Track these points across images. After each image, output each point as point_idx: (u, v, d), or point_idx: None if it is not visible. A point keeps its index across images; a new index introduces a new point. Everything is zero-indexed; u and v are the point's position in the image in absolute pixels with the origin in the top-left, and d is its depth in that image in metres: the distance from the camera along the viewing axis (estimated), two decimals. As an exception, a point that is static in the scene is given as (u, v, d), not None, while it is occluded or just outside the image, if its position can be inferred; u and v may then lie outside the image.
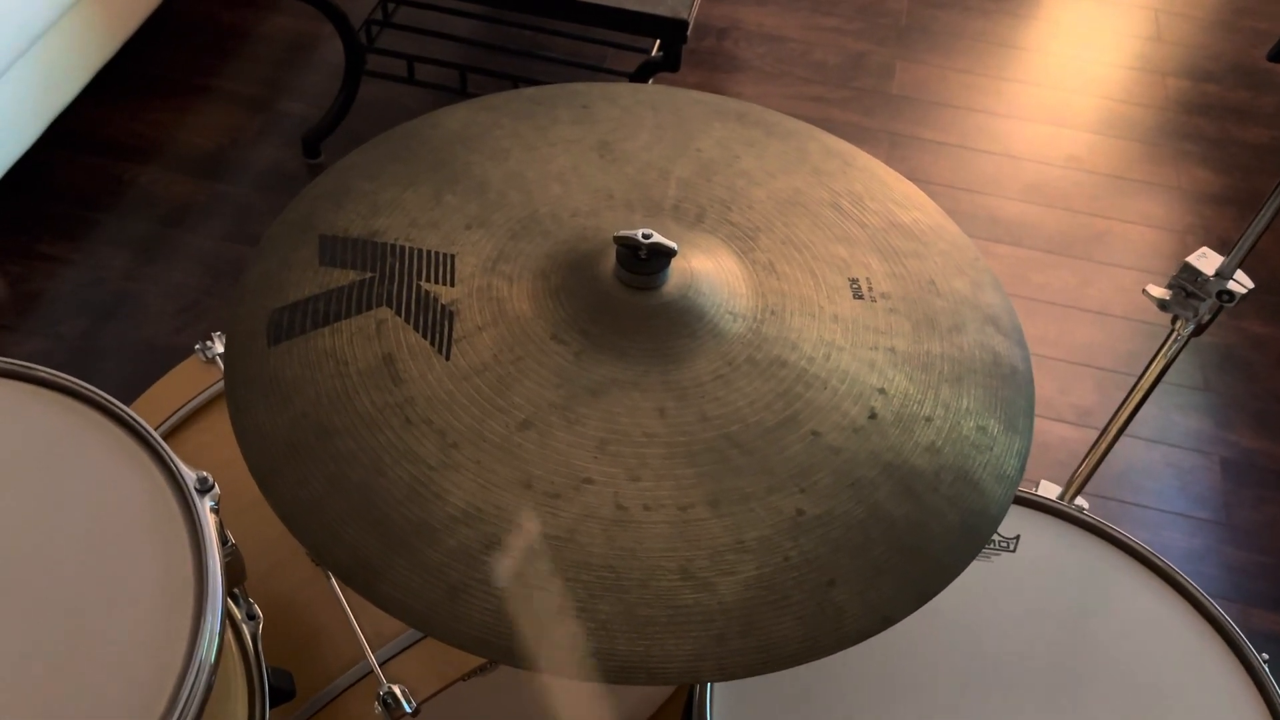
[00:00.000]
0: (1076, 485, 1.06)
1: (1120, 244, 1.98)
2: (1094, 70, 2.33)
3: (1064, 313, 1.86)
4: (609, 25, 1.64)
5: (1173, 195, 2.08)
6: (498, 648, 0.59)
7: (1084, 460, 1.03)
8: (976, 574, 0.82)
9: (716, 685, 0.78)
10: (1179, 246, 2.00)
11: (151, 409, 1.00)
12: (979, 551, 0.65)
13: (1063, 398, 1.73)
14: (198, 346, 1.00)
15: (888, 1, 2.44)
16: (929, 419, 0.69)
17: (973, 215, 2.00)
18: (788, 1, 2.41)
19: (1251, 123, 2.24)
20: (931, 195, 2.06)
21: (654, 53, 1.79)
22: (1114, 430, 0.98)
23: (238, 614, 0.77)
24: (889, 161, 2.07)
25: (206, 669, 0.60)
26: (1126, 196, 2.07)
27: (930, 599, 0.62)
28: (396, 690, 0.81)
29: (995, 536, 0.85)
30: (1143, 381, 0.92)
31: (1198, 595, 0.81)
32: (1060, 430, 1.69)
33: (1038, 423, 1.69)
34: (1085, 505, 0.90)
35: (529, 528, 0.60)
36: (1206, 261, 0.81)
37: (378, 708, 0.80)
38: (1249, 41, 2.45)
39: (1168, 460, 1.67)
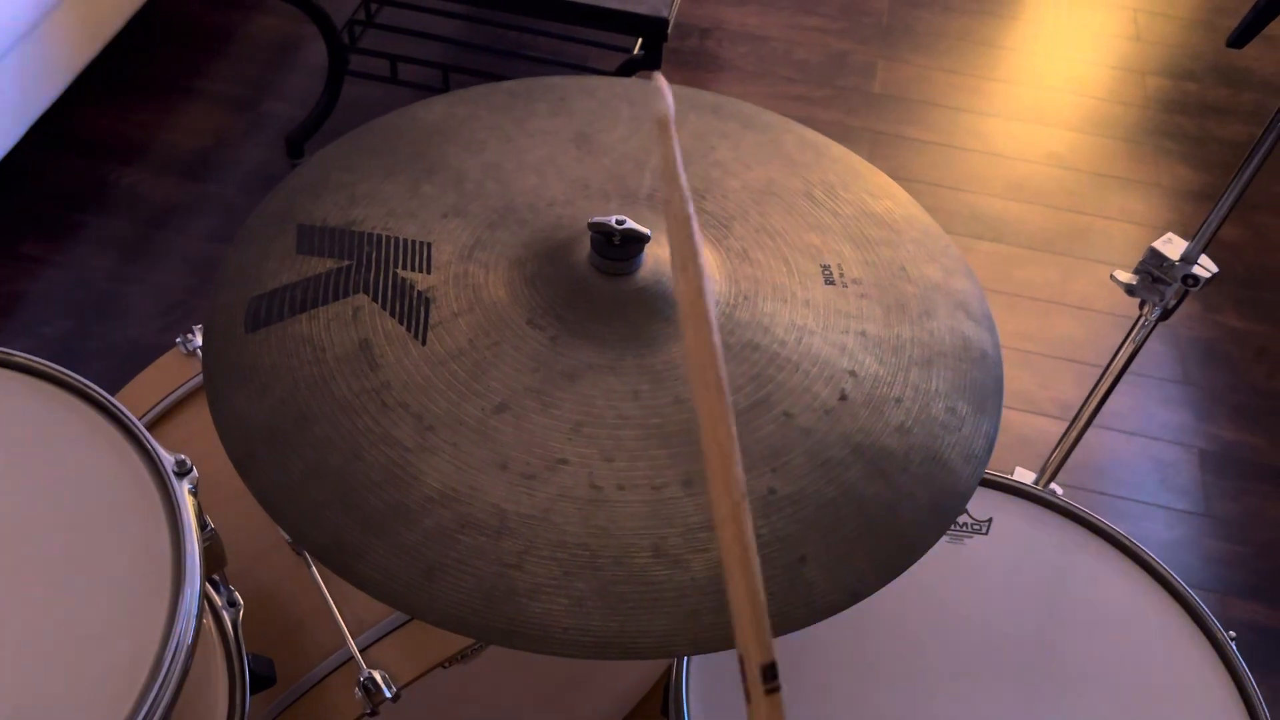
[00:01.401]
0: (1050, 471, 1.07)
1: (1102, 240, 2.00)
2: (1075, 69, 2.35)
3: (1046, 308, 1.87)
4: (590, 24, 1.66)
5: (1153, 192, 2.10)
6: (473, 625, 0.60)
7: (1057, 446, 1.04)
8: (949, 556, 0.84)
9: (692, 670, 0.79)
10: (1159, 242, 2.01)
11: (133, 402, 1.00)
12: (947, 529, 0.66)
13: (1044, 392, 1.74)
14: (179, 339, 1.01)
15: (870, 1, 2.45)
16: (899, 400, 0.70)
17: (955, 212, 2.02)
18: (770, 1, 2.42)
19: (1231, 120, 2.26)
20: (914, 193, 2.07)
21: (635, 51, 1.80)
22: (1086, 415, 0.99)
23: (218, 601, 0.78)
24: (872, 159, 2.09)
25: (184, 650, 0.61)
26: (1108, 193, 2.09)
27: (899, 575, 0.63)
28: (377, 676, 0.81)
29: (968, 520, 0.86)
30: (1113, 366, 0.94)
31: (1165, 574, 0.83)
32: (1042, 424, 1.70)
33: (1020, 416, 1.71)
34: (1059, 490, 0.91)
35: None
36: (1171, 247, 0.82)
37: (358, 693, 0.81)
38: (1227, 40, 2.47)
39: (1148, 453, 1.68)
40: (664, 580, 0.61)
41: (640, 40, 1.80)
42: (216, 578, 0.78)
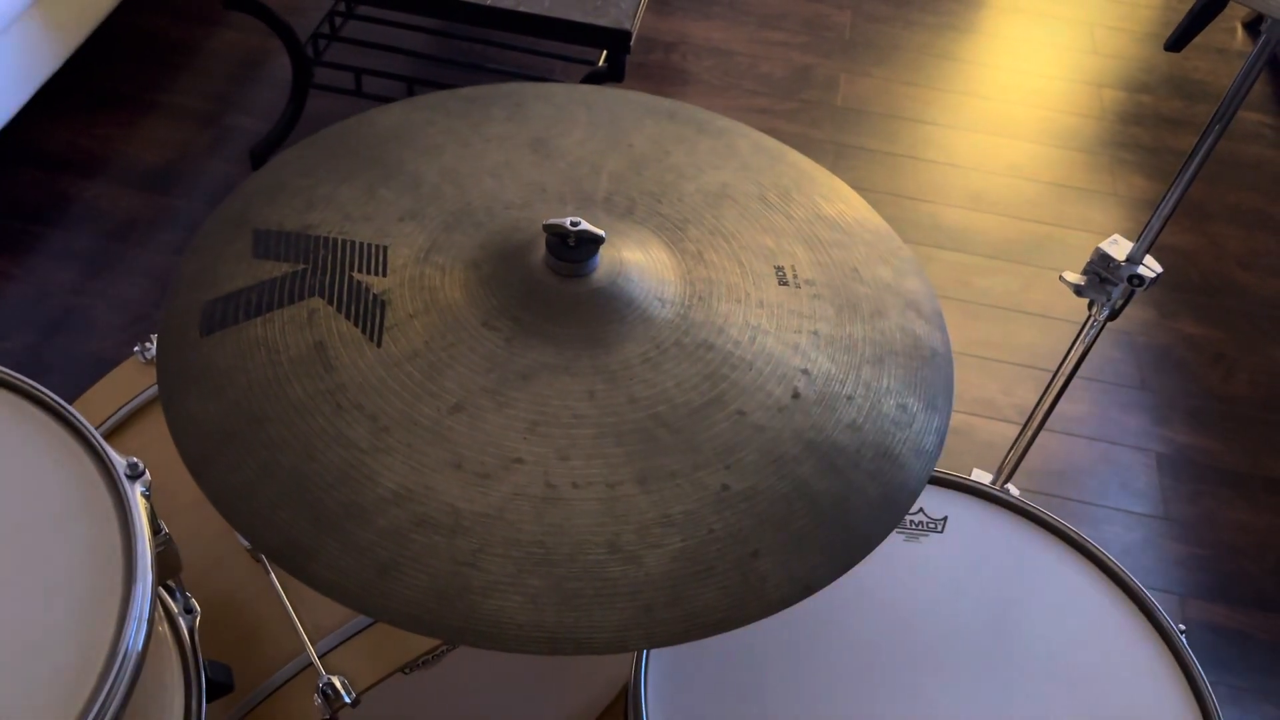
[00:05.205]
0: (1007, 472, 1.09)
1: (1060, 249, 2.03)
2: (1034, 82, 2.39)
3: (1007, 316, 1.90)
4: (554, 36, 1.67)
5: (1110, 202, 2.13)
6: (427, 623, 0.60)
7: (1013, 446, 1.06)
8: (905, 554, 0.84)
9: (652, 674, 0.80)
10: (1116, 251, 2.05)
11: (89, 411, 1.00)
12: (899, 523, 0.67)
13: (1005, 398, 1.76)
14: (136, 348, 1.00)
15: (833, 16, 2.49)
16: (850, 398, 0.71)
17: (917, 222, 2.04)
18: (735, 16, 2.45)
19: (1185, 131, 2.31)
20: (877, 203, 2.10)
21: (600, 64, 1.82)
22: (1040, 415, 1.01)
23: (174, 607, 0.77)
24: (836, 171, 2.11)
25: (134, 653, 0.60)
26: (1066, 203, 2.12)
27: (851, 568, 0.64)
28: (336, 681, 0.81)
29: (924, 518, 0.87)
30: (1065, 366, 0.95)
31: (1116, 569, 0.84)
32: (1004, 430, 1.72)
33: (982, 423, 1.73)
34: (1015, 491, 0.93)
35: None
36: (1117, 248, 0.84)
37: (317, 699, 0.81)
38: (1182, 54, 2.52)
39: (1107, 457, 1.70)
40: (618, 576, 0.62)
41: (604, 53, 1.82)
42: (172, 584, 0.78)
